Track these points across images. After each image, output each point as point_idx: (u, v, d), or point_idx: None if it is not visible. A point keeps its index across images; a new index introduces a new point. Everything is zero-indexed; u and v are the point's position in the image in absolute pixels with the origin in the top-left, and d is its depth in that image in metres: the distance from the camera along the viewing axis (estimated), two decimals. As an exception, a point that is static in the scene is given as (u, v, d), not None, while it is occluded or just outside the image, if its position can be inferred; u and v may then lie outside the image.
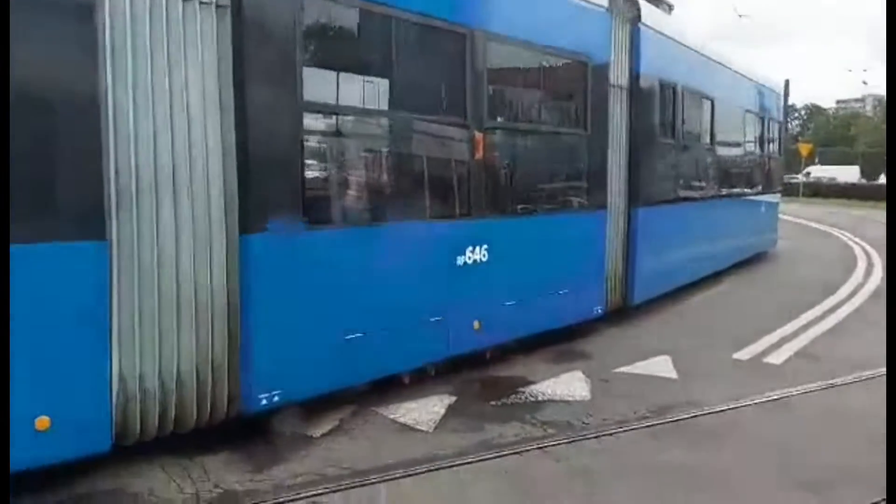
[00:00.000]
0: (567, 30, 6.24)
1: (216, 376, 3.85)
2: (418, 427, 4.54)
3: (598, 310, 6.90)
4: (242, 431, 4.12)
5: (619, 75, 7.21)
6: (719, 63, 10.18)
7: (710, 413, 4.91)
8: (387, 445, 4.25)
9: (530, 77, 6.37)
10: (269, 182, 3.98)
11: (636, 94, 7.44)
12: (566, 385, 5.44)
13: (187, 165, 3.70)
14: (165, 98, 3.60)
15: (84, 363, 3.34)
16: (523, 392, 5.26)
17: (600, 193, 6.90)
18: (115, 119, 3.43)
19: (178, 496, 3.54)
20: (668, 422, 4.73)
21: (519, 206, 6.05)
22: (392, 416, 4.67)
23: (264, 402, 3.96)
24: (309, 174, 4.41)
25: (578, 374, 5.70)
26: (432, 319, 5.03)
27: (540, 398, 5.16)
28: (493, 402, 5.04)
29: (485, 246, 5.37)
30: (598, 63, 6.66)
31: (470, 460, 4.03)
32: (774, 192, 14.00)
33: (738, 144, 11.53)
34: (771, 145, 13.72)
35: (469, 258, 5.27)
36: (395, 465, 3.93)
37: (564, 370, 5.80)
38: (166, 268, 3.65)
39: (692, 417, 4.82)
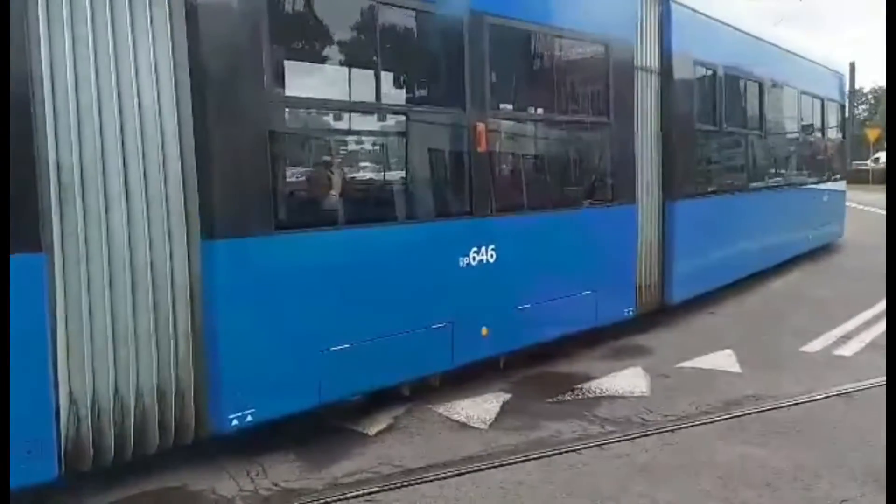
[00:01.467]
0: (581, 9, 5.88)
1: (180, 396, 3.58)
2: (473, 424, 4.50)
3: (629, 311, 6.48)
4: (300, 430, 4.15)
5: (646, 58, 6.70)
6: (769, 43, 9.52)
7: (777, 407, 4.72)
8: (441, 443, 4.22)
9: (540, 62, 6.03)
10: (233, 181, 3.65)
11: (668, 77, 6.93)
12: (626, 381, 5.32)
13: (139, 164, 3.39)
14: (111, 89, 3.29)
15: (17, 387, 2.90)
16: (581, 388, 5.15)
17: (627, 187, 6.41)
18: (56, 113, 3.15)
19: (238, 493, 3.60)
20: (732, 416, 4.57)
21: (530, 203, 5.59)
22: (446, 414, 4.65)
23: (235, 422, 3.70)
24: (281, 172, 4.12)
25: (638, 370, 5.57)
26: (433, 327, 4.69)
27: (598, 394, 5.06)
28: (549, 399, 4.96)
29: (491, 246, 5.01)
30: (620, 45, 6.22)
31: (525, 458, 3.96)
32: (838, 180, 13.35)
33: (792, 130, 10.98)
34: (832, 130, 13.13)
35: (474, 260, 4.91)
36: (449, 464, 3.90)
37: (623, 366, 5.68)
38: (119, 280, 3.34)
39: (758, 412, 4.64)
